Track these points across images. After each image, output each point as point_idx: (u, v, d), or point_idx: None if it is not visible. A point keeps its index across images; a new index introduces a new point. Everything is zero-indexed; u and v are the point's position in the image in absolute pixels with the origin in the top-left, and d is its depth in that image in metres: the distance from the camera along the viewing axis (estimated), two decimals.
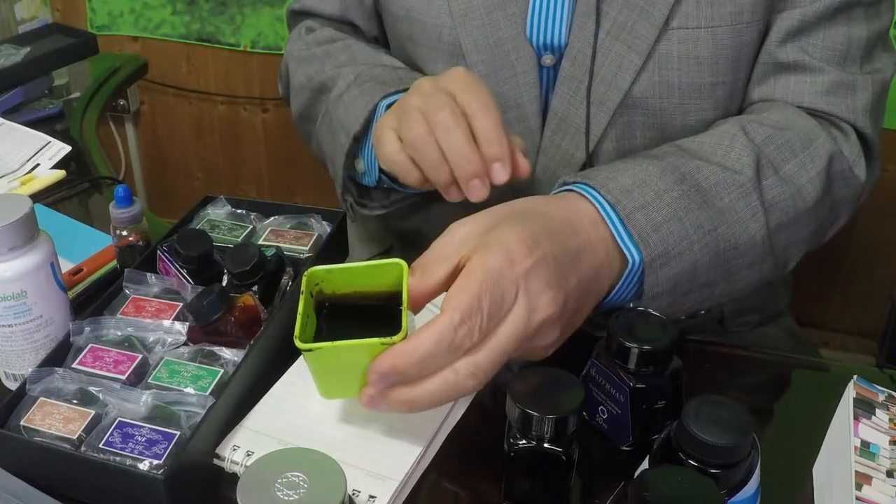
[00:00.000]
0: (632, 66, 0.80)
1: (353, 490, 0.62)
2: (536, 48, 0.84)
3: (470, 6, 0.84)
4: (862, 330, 1.92)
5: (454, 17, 0.85)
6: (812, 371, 0.78)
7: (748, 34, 0.80)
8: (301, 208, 0.85)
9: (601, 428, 0.68)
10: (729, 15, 0.79)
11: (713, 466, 0.56)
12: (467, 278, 0.58)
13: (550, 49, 0.84)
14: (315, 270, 0.64)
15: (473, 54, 0.85)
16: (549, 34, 0.83)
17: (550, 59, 0.84)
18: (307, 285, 0.64)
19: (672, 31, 0.79)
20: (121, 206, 0.81)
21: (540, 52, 0.84)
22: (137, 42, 2.11)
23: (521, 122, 0.86)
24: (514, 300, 0.59)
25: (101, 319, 0.72)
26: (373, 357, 0.59)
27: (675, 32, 0.79)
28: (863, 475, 0.58)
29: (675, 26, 0.79)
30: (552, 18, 0.83)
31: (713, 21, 0.78)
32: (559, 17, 0.82)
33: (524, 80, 0.85)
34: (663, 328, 0.65)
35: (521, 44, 0.83)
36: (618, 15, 0.80)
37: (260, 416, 0.68)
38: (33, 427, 0.63)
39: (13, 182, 1.04)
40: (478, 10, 0.84)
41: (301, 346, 0.59)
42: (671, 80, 0.81)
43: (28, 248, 0.68)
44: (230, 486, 0.59)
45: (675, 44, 0.79)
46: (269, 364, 0.71)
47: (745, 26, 0.79)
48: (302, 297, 0.63)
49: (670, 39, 0.79)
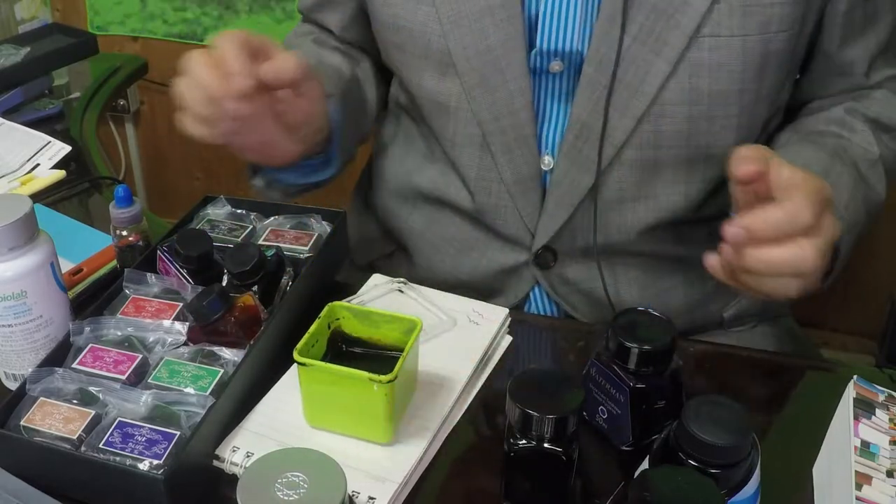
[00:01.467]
0: (659, 72, 0.80)
1: (352, 491, 0.62)
2: (545, 54, 0.83)
3: (459, 13, 0.83)
4: (862, 330, 1.92)
5: (443, 24, 0.84)
6: (812, 371, 0.78)
7: (776, 43, 0.80)
8: (301, 208, 0.85)
9: (601, 428, 0.68)
10: (758, 24, 0.79)
11: (713, 466, 0.56)
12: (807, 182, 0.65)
13: (560, 56, 0.83)
14: (338, 306, 0.69)
15: (463, 62, 0.84)
16: (559, 40, 0.82)
17: (559, 66, 0.83)
18: (327, 315, 0.68)
19: (703, 38, 0.79)
20: (121, 206, 0.81)
21: (548, 58, 0.83)
22: (137, 42, 2.11)
23: (515, 129, 0.85)
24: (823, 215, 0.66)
25: (101, 319, 0.72)
26: (361, 393, 0.63)
27: (707, 40, 0.79)
28: (863, 475, 0.58)
29: (706, 34, 0.78)
30: (563, 24, 0.82)
31: (745, 29, 0.78)
32: (571, 23, 0.81)
33: (515, 87, 0.84)
34: (663, 328, 0.65)
35: (510, 50, 0.83)
36: (645, 20, 0.79)
37: (260, 418, 0.68)
38: (33, 427, 0.63)
39: (13, 182, 1.04)
40: (467, 17, 0.83)
41: (298, 358, 0.63)
42: (701, 87, 0.81)
43: (28, 248, 0.68)
44: (230, 486, 0.59)
45: (705, 51, 0.79)
46: (269, 364, 0.71)
47: (773, 35, 0.79)
48: (317, 322, 0.67)
49: (701, 47, 0.79)
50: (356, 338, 0.70)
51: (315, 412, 0.67)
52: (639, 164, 0.84)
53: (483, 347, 0.75)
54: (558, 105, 0.86)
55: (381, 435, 0.65)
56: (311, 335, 0.66)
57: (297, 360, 0.64)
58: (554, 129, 0.87)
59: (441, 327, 0.77)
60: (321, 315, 0.68)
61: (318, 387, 0.65)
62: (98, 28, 2.09)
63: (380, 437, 0.65)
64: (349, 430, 0.66)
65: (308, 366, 0.64)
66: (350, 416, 0.65)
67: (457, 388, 0.71)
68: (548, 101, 0.86)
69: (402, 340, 0.67)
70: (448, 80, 0.86)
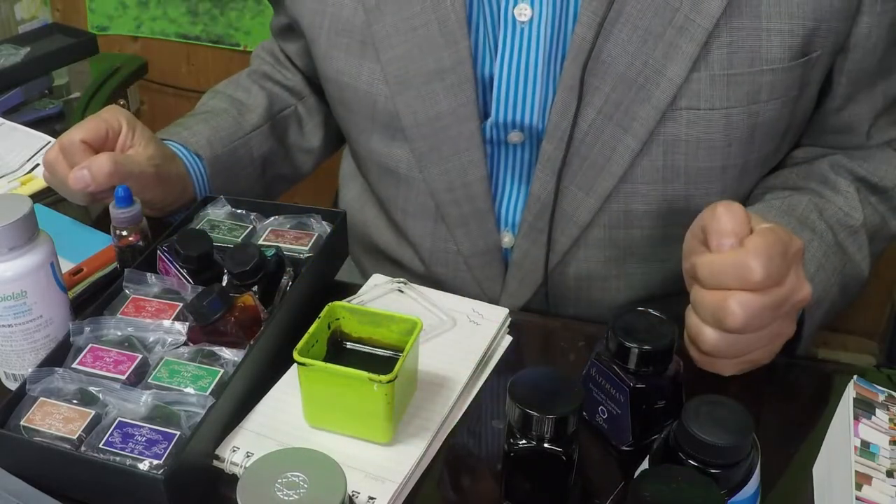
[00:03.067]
0: (627, 150, 0.72)
1: (352, 491, 0.62)
2: (502, 125, 0.76)
3: (406, 72, 0.76)
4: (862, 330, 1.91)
5: (390, 85, 0.76)
6: (812, 371, 0.78)
7: (766, 113, 0.72)
8: (301, 208, 0.85)
9: (601, 428, 0.68)
10: (745, 95, 0.70)
11: (713, 466, 0.56)
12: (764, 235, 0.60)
13: (520, 127, 0.76)
14: (338, 306, 0.69)
15: (412, 129, 0.77)
16: (517, 110, 0.75)
17: (518, 137, 0.76)
18: (327, 315, 0.68)
19: (679, 111, 0.70)
20: (121, 206, 0.81)
21: (505, 129, 0.76)
22: (137, 42, 2.11)
23: (469, 202, 0.79)
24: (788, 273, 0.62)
25: (101, 319, 0.72)
26: (361, 392, 0.62)
27: (683, 113, 0.70)
28: (863, 475, 0.58)
29: (682, 106, 0.70)
30: (520, 92, 0.74)
31: (728, 101, 0.70)
32: (531, 91, 0.74)
33: (467, 159, 0.77)
34: (663, 328, 0.65)
35: (461, 119, 0.75)
36: (611, 92, 0.71)
37: (259, 418, 0.68)
38: (33, 427, 0.63)
39: (13, 182, 1.04)
40: (415, 78, 0.76)
41: (298, 358, 0.63)
42: (676, 165, 0.73)
43: (28, 248, 0.68)
44: (230, 486, 0.59)
45: (682, 126, 0.71)
46: (269, 364, 0.71)
47: (762, 105, 0.71)
48: (317, 322, 0.67)
49: (677, 121, 0.71)
50: (356, 338, 0.70)
51: (315, 412, 0.67)
52: (608, 244, 0.78)
53: (483, 347, 0.75)
54: (519, 179, 0.79)
55: (381, 435, 0.65)
56: (311, 335, 0.66)
57: (297, 360, 0.64)
58: (514, 205, 0.81)
59: (441, 327, 0.77)
60: (321, 315, 0.68)
61: (318, 387, 0.65)
62: (98, 28, 2.09)
63: (380, 437, 0.66)
64: (349, 430, 0.66)
65: (308, 366, 0.64)
66: (350, 416, 0.65)
67: (457, 388, 0.71)
68: (507, 174, 0.80)
69: (402, 340, 0.67)
70: (396, 144, 0.80)
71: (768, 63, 0.69)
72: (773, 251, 0.59)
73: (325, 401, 0.66)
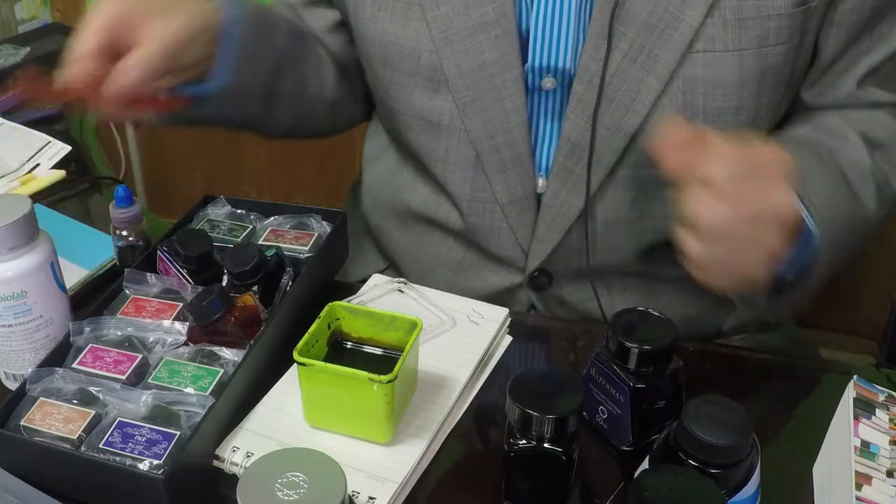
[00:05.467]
0: (651, 90, 0.78)
1: (352, 491, 0.62)
2: (537, 71, 0.81)
3: (451, 28, 0.81)
4: (862, 330, 1.91)
5: (435, 41, 0.81)
6: (812, 371, 0.78)
7: (773, 58, 0.77)
8: (301, 208, 0.85)
9: (601, 428, 0.68)
10: (755, 38, 0.76)
11: (713, 466, 0.56)
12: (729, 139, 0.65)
13: (553, 72, 0.81)
14: (338, 306, 0.70)
15: (456, 79, 0.82)
16: (551, 57, 0.80)
17: (551, 83, 0.81)
18: (327, 315, 0.69)
19: (697, 53, 0.76)
20: (121, 206, 0.81)
21: (540, 75, 0.81)
22: None
23: (510, 148, 0.83)
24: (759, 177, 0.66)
25: (101, 319, 0.72)
26: (361, 393, 0.63)
27: (700, 55, 0.76)
28: (863, 475, 0.58)
29: (699, 49, 0.76)
30: (554, 40, 0.80)
31: (740, 44, 0.76)
32: (563, 39, 0.80)
33: (510, 106, 0.82)
34: (663, 328, 0.65)
35: (506, 66, 0.80)
36: (635, 37, 0.77)
37: (259, 418, 0.68)
38: (33, 427, 0.63)
39: (13, 182, 1.04)
40: (459, 33, 0.81)
41: (298, 358, 0.63)
42: (695, 104, 0.79)
43: (28, 248, 0.68)
44: (230, 486, 0.59)
45: (699, 67, 0.77)
46: (269, 364, 0.71)
47: (770, 49, 0.77)
48: (317, 322, 0.67)
49: (694, 63, 0.77)
50: (356, 338, 0.70)
51: (315, 412, 0.67)
52: (633, 184, 0.82)
53: (483, 347, 0.75)
54: (551, 124, 0.84)
55: (381, 435, 0.65)
56: (311, 335, 0.66)
57: (297, 360, 0.64)
58: (548, 150, 0.85)
59: (441, 327, 0.77)
60: (321, 315, 0.68)
61: (318, 387, 0.65)
62: None
63: (380, 437, 0.66)
64: (349, 430, 0.66)
65: (308, 366, 0.64)
66: (350, 416, 0.65)
67: (457, 388, 0.71)
68: (541, 119, 0.84)
69: (402, 340, 0.67)
70: (440, 97, 0.84)
71: (774, 9, 0.75)
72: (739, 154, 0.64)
73: (325, 401, 0.66)
